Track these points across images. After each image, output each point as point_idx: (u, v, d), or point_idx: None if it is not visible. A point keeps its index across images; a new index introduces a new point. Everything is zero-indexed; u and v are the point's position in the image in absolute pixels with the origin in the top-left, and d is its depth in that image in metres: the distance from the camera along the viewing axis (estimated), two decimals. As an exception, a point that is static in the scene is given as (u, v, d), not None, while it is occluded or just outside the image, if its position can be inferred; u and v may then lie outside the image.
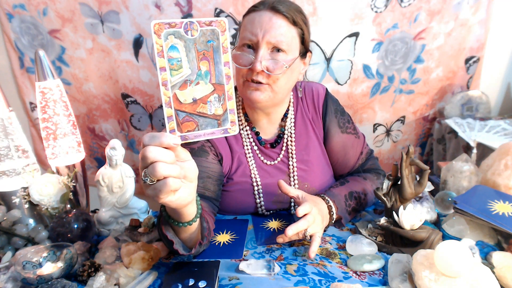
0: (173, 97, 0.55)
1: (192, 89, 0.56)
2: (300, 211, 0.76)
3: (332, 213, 0.86)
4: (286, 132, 0.97)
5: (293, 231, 0.75)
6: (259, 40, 0.82)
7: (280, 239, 0.79)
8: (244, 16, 0.89)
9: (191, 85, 0.56)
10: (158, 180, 0.53)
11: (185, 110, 0.56)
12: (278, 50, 0.83)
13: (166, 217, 0.67)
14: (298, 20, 0.84)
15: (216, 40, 0.55)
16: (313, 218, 0.78)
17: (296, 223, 0.76)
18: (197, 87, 0.56)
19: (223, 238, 0.87)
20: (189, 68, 0.55)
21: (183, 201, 0.58)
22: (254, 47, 0.84)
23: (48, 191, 0.91)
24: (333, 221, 0.87)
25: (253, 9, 0.86)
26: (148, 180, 0.53)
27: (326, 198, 0.87)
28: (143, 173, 0.53)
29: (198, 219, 0.67)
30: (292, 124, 0.97)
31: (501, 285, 0.63)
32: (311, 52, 0.93)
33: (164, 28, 0.52)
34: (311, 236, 0.78)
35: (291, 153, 0.97)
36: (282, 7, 0.83)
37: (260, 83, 0.83)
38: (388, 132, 1.80)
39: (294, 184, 0.97)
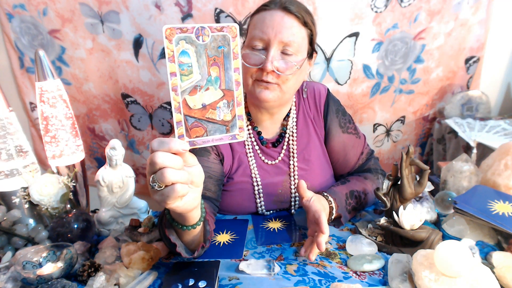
0: (182, 102, 0.55)
1: (202, 95, 0.56)
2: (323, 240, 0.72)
3: (332, 210, 0.86)
4: (288, 131, 0.97)
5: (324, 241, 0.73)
6: (271, 39, 0.81)
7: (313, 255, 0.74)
8: (253, 14, 0.88)
9: (201, 91, 0.55)
10: (166, 186, 0.53)
11: (194, 116, 0.56)
12: (289, 50, 0.83)
13: (170, 220, 0.67)
14: (308, 20, 0.85)
15: (227, 46, 0.55)
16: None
17: (323, 234, 0.73)
18: (207, 92, 0.56)
19: (223, 238, 0.87)
20: (199, 74, 0.55)
21: (189, 206, 0.58)
22: (264, 47, 0.83)
23: (48, 191, 0.91)
24: (332, 219, 0.88)
25: (264, 8, 0.86)
26: (156, 185, 0.53)
27: (326, 195, 0.87)
28: (151, 179, 0.53)
29: (202, 223, 0.67)
30: (294, 124, 0.97)
31: (501, 285, 0.63)
32: (316, 52, 0.93)
33: (176, 33, 0.52)
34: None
35: (292, 152, 0.97)
36: (293, 7, 0.83)
37: (270, 82, 0.83)
38: (388, 132, 1.81)
39: (295, 183, 0.97)
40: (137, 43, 1.54)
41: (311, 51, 0.90)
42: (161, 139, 0.53)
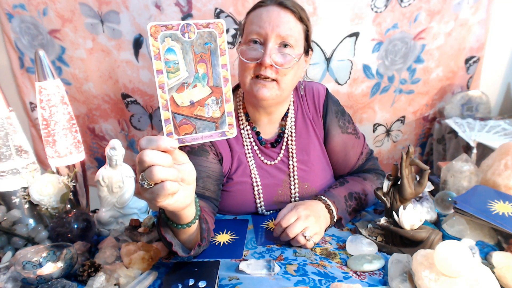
0: (170, 100, 0.55)
1: (190, 92, 0.55)
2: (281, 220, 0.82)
3: (332, 212, 0.86)
4: (286, 131, 0.97)
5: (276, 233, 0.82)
6: (268, 34, 0.82)
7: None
8: (249, 12, 0.89)
9: (189, 88, 0.55)
10: (155, 184, 0.53)
11: (182, 113, 0.56)
12: (286, 45, 0.83)
13: (164, 219, 0.67)
14: (303, 16, 0.86)
15: (214, 42, 0.55)
16: (296, 215, 0.81)
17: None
18: (195, 89, 0.56)
19: (223, 238, 0.87)
20: (186, 71, 0.55)
21: (181, 204, 0.58)
22: (261, 42, 0.84)
23: (48, 191, 0.91)
24: (334, 223, 0.88)
25: (260, 4, 0.87)
26: (146, 183, 0.53)
27: (324, 198, 0.87)
28: (140, 177, 0.53)
29: (197, 221, 0.67)
30: (293, 124, 0.97)
31: (501, 285, 0.62)
32: (312, 50, 0.93)
33: (161, 31, 0.52)
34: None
35: (291, 152, 0.97)
36: (289, 2, 0.84)
37: (268, 78, 0.83)
38: (388, 132, 1.81)
39: (295, 184, 0.97)
40: (137, 43, 1.54)
41: (307, 48, 0.90)
42: (150, 137, 0.53)
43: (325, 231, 0.88)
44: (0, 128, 0.88)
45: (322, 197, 0.88)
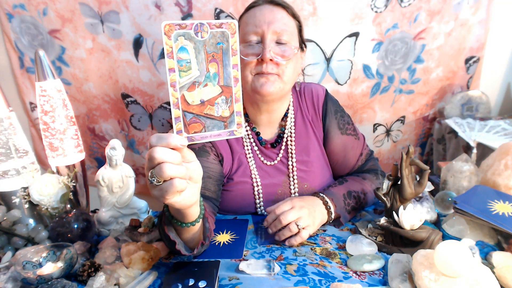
0: (181, 98, 0.55)
1: (200, 91, 0.56)
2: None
3: (329, 207, 0.86)
4: (286, 132, 0.97)
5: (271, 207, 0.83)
6: (265, 31, 0.83)
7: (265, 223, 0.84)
8: (243, 14, 0.90)
9: (199, 87, 0.56)
10: (164, 181, 0.53)
11: (192, 112, 0.56)
12: (282, 40, 0.85)
13: (169, 217, 0.67)
14: (295, 12, 0.89)
15: (226, 42, 0.55)
16: (290, 205, 0.82)
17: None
18: (205, 89, 0.56)
19: (223, 238, 0.87)
20: (198, 70, 0.55)
21: (188, 202, 0.58)
22: (259, 40, 0.85)
23: (48, 191, 0.91)
24: (331, 219, 0.88)
25: (252, 5, 0.88)
26: (155, 180, 0.53)
27: (321, 195, 0.88)
28: (149, 174, 0.53)
29: (201, 220, 0.67)
30: (292, 124, 0.97)
31: (501, 285, 0.62)
32: (306, 46, 0.95)
33: (175, 29, 0.53)
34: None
35: (291, 153, 0.97)
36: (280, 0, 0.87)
37: (270, 73, 0.84)
38: (388, 132, 1.80)
39: (294, 184, 0.97)
40: (137, 43, 1.54)
41: (301, 45, 0.92)
42: (160, 134, 0.54)
43: (324, 230, 0.88)
44: (0, 128, 0.88)
45: (320, 194, 0.88)
